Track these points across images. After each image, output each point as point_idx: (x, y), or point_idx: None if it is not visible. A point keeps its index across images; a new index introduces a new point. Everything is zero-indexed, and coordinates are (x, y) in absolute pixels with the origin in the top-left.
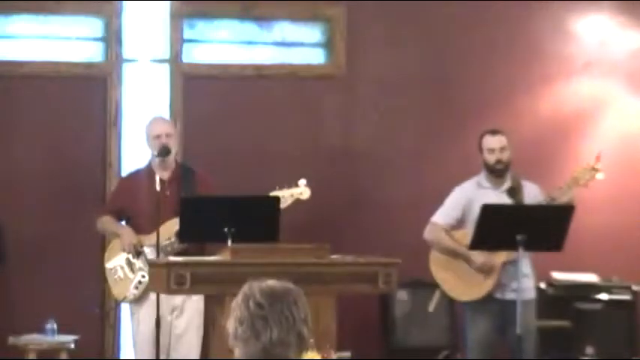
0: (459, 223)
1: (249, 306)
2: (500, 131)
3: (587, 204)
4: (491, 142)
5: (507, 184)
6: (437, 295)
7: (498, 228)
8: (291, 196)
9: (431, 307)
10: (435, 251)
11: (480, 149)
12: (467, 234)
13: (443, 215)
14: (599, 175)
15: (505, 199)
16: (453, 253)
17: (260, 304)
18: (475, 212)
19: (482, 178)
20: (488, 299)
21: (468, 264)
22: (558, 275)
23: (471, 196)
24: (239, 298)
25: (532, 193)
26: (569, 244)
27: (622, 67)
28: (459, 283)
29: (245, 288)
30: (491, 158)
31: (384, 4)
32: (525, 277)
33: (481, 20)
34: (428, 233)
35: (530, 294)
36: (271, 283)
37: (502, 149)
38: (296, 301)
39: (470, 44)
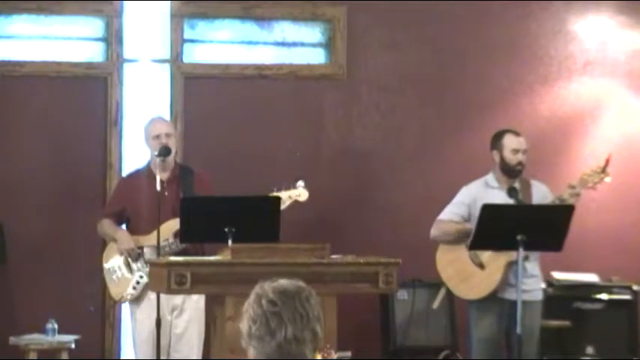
0: (465, 223)
1: (261, 304)
2: (520, 133)
3: (588, 204)
4: (518, 142)
5: (516, 185)
6: (442, 292)
7: (498, 228)
8: (289, 197)
9: (435, 305)
10: (440, 249)
11: (499, 147)
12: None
13: (447, 213)
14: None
15: (510, 199)
16: (461, 235)
17: (273, 301)
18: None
19: (490, 177)
20: (495, 299)
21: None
22: (558, 275)
23: (476, 195)
24: (251, 298)
25: (541, 193)
26: (569, 244)
27: (622, 67)
28: (463, 281)
29: (257, 288)
30: (514, 158)
31: (385, 4)
32: (534, 278)
33: (481, 20)
34: (434, 230)
35: (538, 295)
36: (283, 281)
37: (524, 151)
38: (308, 298)
39: (470, 44)
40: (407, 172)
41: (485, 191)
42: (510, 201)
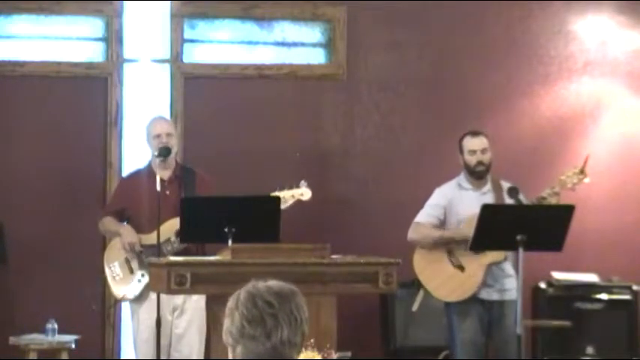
0: (441, 224)
1: (257, 304)
2: (481, 132)
3: (587, 204)
4: (473, 143)
5: (487, 185)
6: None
7: (498, 228)
8: (292, 197)
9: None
10: (418, 251)
11: (460, 150)
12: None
13: (425, 215)
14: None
15: (486, 200)
16: (442, 242)
17: (270, 302)
18: (455, 213)
19: (462, 179)
20: (474, 300)
21: (457, 247)
22: (558, 275)
23: (451, 196)
24: (242, 296)
25: None
26: (569, 244)
27: (622, 67)
28: (443, 283)
29: (249, 287)
30: (472, 160)
31: (385, 4)
32: (509, 278)
33: (481, 21)
34: (412, 233)
35: (514, 294)
36: (276, 282)
37: (483, 151)
38: (301, 302)
39: (470, 44)
40: (407, 172)
41: (459, 192)
42: (489, 201)
